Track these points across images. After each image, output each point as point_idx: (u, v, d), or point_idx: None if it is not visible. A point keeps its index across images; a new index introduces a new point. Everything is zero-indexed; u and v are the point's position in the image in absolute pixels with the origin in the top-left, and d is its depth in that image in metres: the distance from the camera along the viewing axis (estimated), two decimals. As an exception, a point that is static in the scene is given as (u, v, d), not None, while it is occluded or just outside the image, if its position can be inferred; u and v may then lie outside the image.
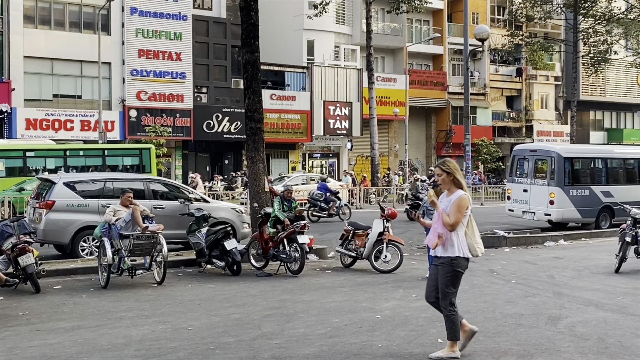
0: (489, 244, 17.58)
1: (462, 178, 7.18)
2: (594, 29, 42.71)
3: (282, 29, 41.42)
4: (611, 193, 21.34)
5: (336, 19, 42.47)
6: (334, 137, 41.48)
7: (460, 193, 7.05)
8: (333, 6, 40.09)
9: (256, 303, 10.45)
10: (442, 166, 7.17)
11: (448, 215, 6.97)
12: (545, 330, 8.52)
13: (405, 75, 43.03)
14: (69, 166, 25.82)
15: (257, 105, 15.34)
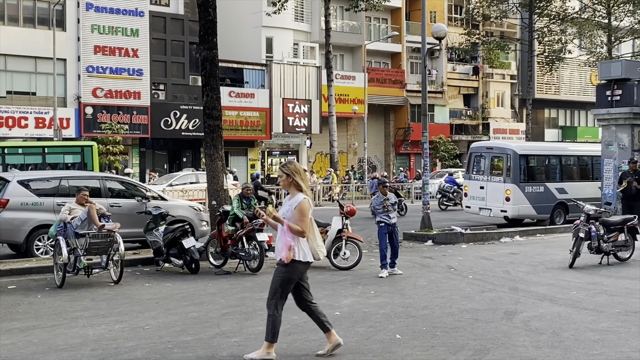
0: (446, 241, 17.82)
1: (304, 181, 7.03)
2: (548, 28, 43.36)
3: (241, 26, 41.18)
4: (565, 190, 21.69)
5: (295, 17, 42.40)
6: (293, 135, 41.43)
7: (301, 197, 6.94)
8: (292, 4, 40.05)
9: (215, 301, 10.39)
10: (283, 168, 7.09)
11: (295, 225, 6.86)
12: (501, 325, 8.63)
13: (364, 73, 43.16)
14: (7, 164, 25.01)
15: (216, 103, 15.26)
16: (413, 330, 8.38)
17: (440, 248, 16.89)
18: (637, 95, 20.81)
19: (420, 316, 9.16)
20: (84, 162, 25.85)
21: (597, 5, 43.28)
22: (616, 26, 43.24)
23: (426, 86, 20.05)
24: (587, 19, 43.43)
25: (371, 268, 13.49)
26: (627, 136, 20.69)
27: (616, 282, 11.86)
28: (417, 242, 17.99)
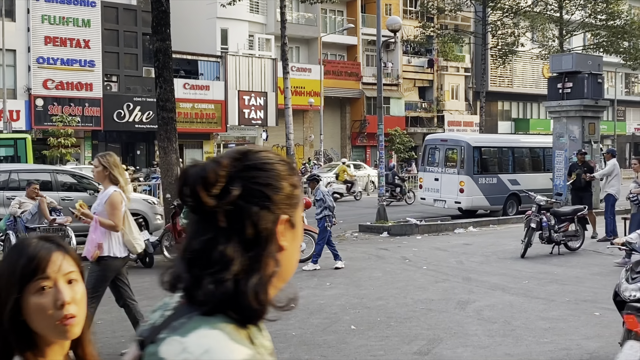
0: (402, 232, 17.96)
1: (121, 174, 6.77)
2: (502, 21, 43.85)
3: (195, 17, 40.76)
4: (518, 181, 22.03)
5: (250, 8, 42.16)
6: (249, 127, 41.25)
7: (111, 190, 6.67)
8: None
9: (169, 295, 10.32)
10: (100, 158, 6.75)
11: (107, 219, 6.64)
12: (455, 315, 8.77)
13: (320, 66, 43.18)
14: None
15: (169, 95, 15.09)
16: (368, 320, 8.47)
17: (396, 239, 17.00)
18: (587, 88, 21.21)
19: (375, 307, 9.25)
20: (17, 155, 25.22)
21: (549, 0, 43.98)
22: (567, 20, 43.96)
23: (382, 79, 20.16)
24: (539, 13, 44.03)
25: (327, 260, 13.51)
26: (578, 128, 21.09)
27: (567, 271, 12.12)
28: (373, 233, 18.10)
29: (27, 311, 1.60)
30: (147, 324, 1.41)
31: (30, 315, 1.61)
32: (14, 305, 1.59)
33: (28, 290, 1.60)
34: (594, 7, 42.88)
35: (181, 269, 1.35)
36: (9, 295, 1.59)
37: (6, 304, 1.60)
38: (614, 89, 57.77)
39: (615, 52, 43.25)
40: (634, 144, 63.49)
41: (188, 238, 1.36)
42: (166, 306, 1.42)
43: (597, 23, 43.27)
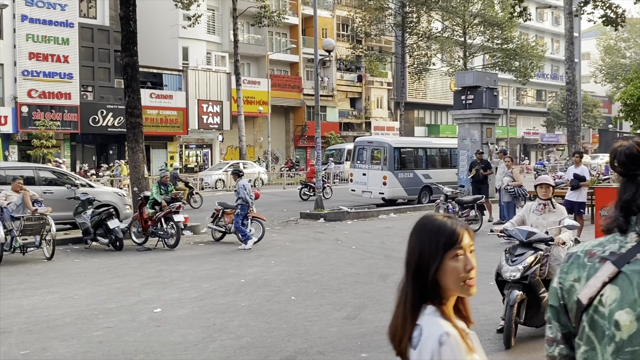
0: (335, 218, 18.00)
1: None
2: (417, 44, 44.45)
3: (160, 37, 40.09)
4: (430, 175, 22.28)
5: (207, 30, 41.58)
6: (207, 131, 40.70)
7: None
8: (205, 18, 39.28)
9: (136, 273, 10.12)
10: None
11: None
12: (377, 286, 8.83)
13: (268, 79, 42.95)
14: None
15: (137, 103, 14.82)
16: (306, 292, 8.46)
17: (330, 224, 17.04)
18: (485, 100, 21.64)
19: (312, 280, 9.25)
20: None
21: (455, 27, 44.71)
22: (470, 43, 44.86)
23: (319, 91, 20.15)
24: (447, 38, 44.77)
25: (272, 242, 13.49)
26: (477, 132, 21.51)
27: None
28: (312, 220, 18.09)
29: (443, 272, 1.77)
30: (607, 250, 1.65)
31: (445, 275, 1.78)
32: (436, 267, 1.77)
33: (447, 256, 1.77)
34: (491, 34, 43.84)
35: (617, 214, 1.67)
36: (434, 260, 1.76)
37: (430, 266, 1.77)
38: (507, 100, 59.11)
39: (508, 70, 44.33)
40: (523, 145, 65.21)
41: (620, 194, 1.69)
42: (621, 242, 1.65)
43: (493, 46, 44.25)
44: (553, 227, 6.21)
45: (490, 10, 43.45)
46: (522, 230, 5.99)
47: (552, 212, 6.34)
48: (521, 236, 5.91)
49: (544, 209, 6.35)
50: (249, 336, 6.42)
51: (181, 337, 6.47)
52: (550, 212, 6.34)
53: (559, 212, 6.38)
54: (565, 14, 24.51)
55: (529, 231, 5.94)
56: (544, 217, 6.31)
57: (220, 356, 5.83)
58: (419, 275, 1.80)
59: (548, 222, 6.24)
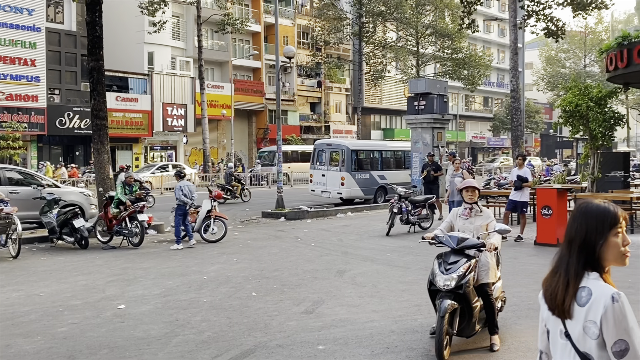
0: (296, 217, 17.99)
1: None
2: (373, 53, 44.76)
3: (126, 42, 39.40)
4: (385, 176, 22.50)
5: (172, 36, 41.04)
6: (171, 133, 40.16)
7: None
8: (170, 25, 38.81)
9: (101, 271, 9.92)
10: None
11: None
12: (334, 281, 8.86)
13: (231, 84, 42.65)
14: None
15: (102, 105, 14.52)
16: (266, 288, 8.42)
17: (291, 223, 17.03)
18: (436, 106, 21.94)
19: (272, 277, 9.22)
20: None
21: (408, 37, 45.19)
22: (422, 53, 45.40)
23: (280, 95, 20.13)
24: (401, 47, 45.22)
25: (235, 240, 13.40)
26: (429, 136, 21.80)
27: (420, 245, 12.44)
28: (273, 218, 18.05)
29: (607, 247, 2.11)
30: None
31: (608, 249, 2.12)
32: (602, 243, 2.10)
33: (610, 233, 2.11)
34: (442, 44, 44.44)
35: None
36: (600, 237, 2.10)
37: (597, 242, 2.11)
38: (456, 106, 60.05)
39: (458, 78, 45.00)
40: (471, 148, 66.34)
41: None
42: None
43: (444, 56, 44.86)
44: (484, 231, 5.73)
45: (441, 22, 44.07)
46: (453, 236, 5.48)
47: (479, 215, 5.85)
48: (452, 243, 5.41)
49: (470, 213, 5.85)
50: (211, 331, 6.37)
51: (144, 332, 6.37)
52: (477, 215, 5.85)
53: (486, 215, 5.88)
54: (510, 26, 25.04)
55: (460, 237, 5.44)
56: (470, 222, 5.83)
57: (182, 350, 5.76)
58: (584, 249, 2.13)
59: (475, 227, 5.78)
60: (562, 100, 16.54)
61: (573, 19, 39.77)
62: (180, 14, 41.70)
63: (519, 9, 26.69)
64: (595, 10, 26.79)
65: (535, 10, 27.24)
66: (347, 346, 5.79)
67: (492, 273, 5.59)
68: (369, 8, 42.83)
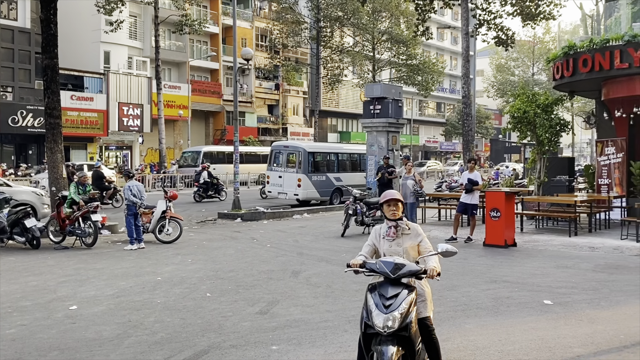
0: (252, 218, 17.90)
1: None
2: (330, 57, 44.91)
3: (82, 40, 38.46)
4: (341, 179, 22.63)
5: (129, 35, 40.27)
6: (127, 133, 39.37)
7: None
8: (127, 24, 38.06)
9: (53, 272, 9.64)
10: None
11: None
12: (289, 282, 8.84)
13: (188, 85, 42.15)
14: None
15: (56, 104, 14.15)
16: (221, 289, 8.34)
17: (247, 224, 16.92)
18: (391, 110, 22.12)
19: (227, 277, 9.13)
20: None
21: (365, 42, 45.53)
22: (378, 58, 45.83)
23: (237, 97, 19.97)
24: (358, 52, 45.51)
25: (190, 241, 13.23)
26: (384, 139, 21.97)
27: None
28: (229, 219, 17.91)
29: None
30: None
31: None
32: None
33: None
34: (397, 50, 44.96)
35: None
36: None
37: None
38: (410, 111, 60.89)
39: (412, 84, 45.60)
40: (425, 151, 67.33)
41: None
42: None
43: (399, 62, 45.39)
44: (415, 253, 4.52)
45: (397, 28, 44.59)
46: (388, 262, 4.13)
47: (406, 234, 4.57)
48: (387, 270, 4.07)
49: (396, 232, 4.55)
50: (164, 332, 6.26)
51: (96, 333, 6.22)
52: (404, 234, 4.56)
53: (414, 233, 4.59)
54: (463, 34, 25.52)
55: (397, 263, 4.11)
56: (397, 243, 4.54)
57: (134, 351, 5.64)
58: None
59: (404, 249, 4.50)
60: (511, 107, 16.96)
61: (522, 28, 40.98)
62: (137, 14, 40.96)
63: (471, 18, 27.24)
64: (543, 20, 27.59)
65: (487, 20, 27.87)
66: (300, 346, 5.78)
67: (430, 304, 4.46)
68: (326, 13, 43.01)
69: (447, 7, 28.30)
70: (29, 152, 35.39)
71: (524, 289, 8.28)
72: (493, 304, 7.41)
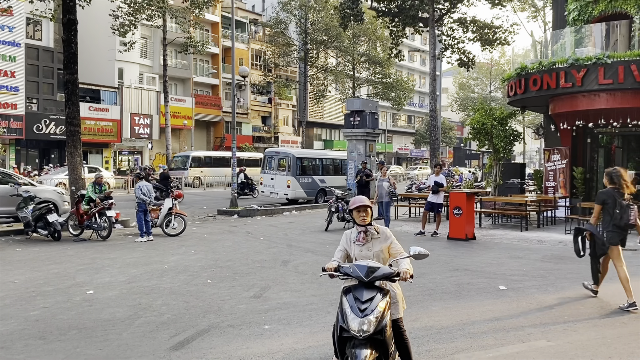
0: (248, 215, 17.82)
1: None
2: (316, 75, 44.94)
3: (99, 59, 38.09)
4: (325, 180, 22.61)
5: (141, 54, 39.93)
6: (138, 140, 39.02)
7: None
8: (138, 45, 37.79)
9: (72, 261, 9.52)
10: None
11: None
12: (280, 270, 8.81)
13: (192, 98, 41.90)
14: None
15: (76, 114, 13.97)
16: (220, 276, 8.29)
17: (243, 220, 16.85)
18: (368, 121, 22.21)
19: (226, 266, 9.08)
20: None
21: (346, 63, 45.62)
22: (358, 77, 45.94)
23: (235, 109, 19.89)
24: (340, 71, 45.62)
25: (193, 235, 13.14)
26: (362, 147, 22.04)
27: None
28: (227, 215, 17.82)
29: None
30: None
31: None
32: None
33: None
34: (374, 70, 45.09)
35: None
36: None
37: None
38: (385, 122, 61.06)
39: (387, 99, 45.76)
40: (397, 158, 67.53)
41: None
42: None
43: (375, 80, 45.52)
44: (386, 255, 4.08)
45: (374, 51, 44.73)
46: (361, 265, 3.69)
47: (376, 238, 4.11)
48: (360, 273, 3.63)
49: (366, 237, 4.11)
50: (170, 313, 6.21)
51: (110, 314, 6.15)
52: (374, 238, 4.11)
53: (384, 236, 4.13)
54: (430, 57, 25.66)
55: (370, 266, 3.66)
56: (368, 248, 4.10)
57: (144, 330, 5.59)
58: None
59: (375, 252, 4.08)
60: (472, 120, 17.08)
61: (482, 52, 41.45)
62: (148, 36, 40.65)
63: (438, 42, 27.41)
64: (499, 45, 27.83)
65: (451, 44, 28.06)
66: (289, 325, 5.76)
67: (402, 305, 4.06)
68: (313, 37, 43.03)
69: (417, 33, 28.45)
70: (52, 156, 34.95)
71: (482, 276, 8.34)
72: (456, 289, 7.45)
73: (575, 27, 15.25)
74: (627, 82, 12.59)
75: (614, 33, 14.65)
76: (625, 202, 6.57)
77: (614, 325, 5.81)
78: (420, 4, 26.34)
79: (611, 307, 6.53)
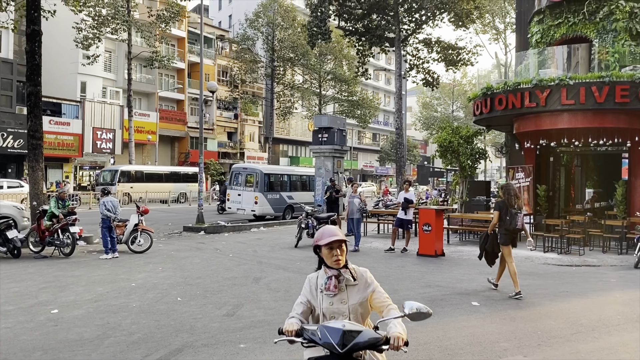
0: (214, 231, 17.53)
1: None
2: (283, 92, 45.05)
3: (61, 71, 37.13)
4: (292, 197, 22.56)
5: (104, 68, 39.16)
6: (100, 155, 38.08)
7: None
8: (102, 58, 37.09)
9: (34, 279, 9.11)
10: None
11: None
12: (252, 287, 8.65)
13: (157, 113, 41.26)
14: None
15: (38, 127, 13.52)
16: (190, 294, 8.08)
17: (210, 236, 16.56)
18: (336, 138, 22.34)
19: (195, 284, 8.87)
20: None
21: (313, 80, 45.95)
22: (324, 94, 46.29)
23: (202, 124, 19.68)
24: (307, 88, 45.87)
25: (159, 251, 12.81)
26: (330, 163, 22.12)
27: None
28: (193, 232, 17.49)
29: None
30: None
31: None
32: None
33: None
34: (340, 88, 45.57)
35: None
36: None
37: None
38: (351, 139, 61.55)
39: (352, 117, 46.23)
40: (363, 174, 68.10)
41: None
42: None
43: (342, 97, 45.99)
44: (367, 309, 2.85)
45: (340, 69, 45.24)
46: (333, 328, 2.43)
47: (352, 285, 2.85)
48: (332, 341, 2.40)
49: (339, 285, 2.84)
50: (140, 333, 5.99)
51: (77, 335, 5.88)
52: (349, 286, 2.85)
53: (363, 283, 2.87)
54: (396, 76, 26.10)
55: (346, 330, 2.42)
56: (341, 299, 2.82)
57: (114, 351, 5.37)
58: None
59: (351, 307, 2.81)
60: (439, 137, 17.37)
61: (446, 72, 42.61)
62: (112, 49, 39.98)
63: (404, 62, 27.94)
64: (463, 66, 28.59)
65: (416, 64, 28.65)
66: (265, 344, 5.64)
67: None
68: (280, 54, 43.22)
69: (383, 52, 28.94)
70: (9, 171, 33.69)
71: (454, 292, 8.40)
72: (429, 305, 7.46)
73: (539, 49, 15.80)
74: (589, 102, 13.08)
75: (575, 55, 15.26)
76: (514, 211, 8.07)
77: (586, 340, 5.93)
78: (387, 24, 26.85)
79: (581, 322, 6.67)
